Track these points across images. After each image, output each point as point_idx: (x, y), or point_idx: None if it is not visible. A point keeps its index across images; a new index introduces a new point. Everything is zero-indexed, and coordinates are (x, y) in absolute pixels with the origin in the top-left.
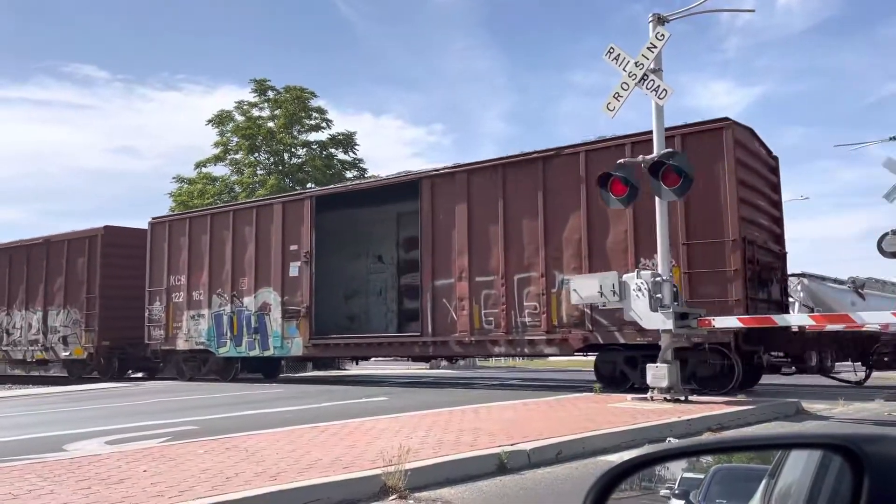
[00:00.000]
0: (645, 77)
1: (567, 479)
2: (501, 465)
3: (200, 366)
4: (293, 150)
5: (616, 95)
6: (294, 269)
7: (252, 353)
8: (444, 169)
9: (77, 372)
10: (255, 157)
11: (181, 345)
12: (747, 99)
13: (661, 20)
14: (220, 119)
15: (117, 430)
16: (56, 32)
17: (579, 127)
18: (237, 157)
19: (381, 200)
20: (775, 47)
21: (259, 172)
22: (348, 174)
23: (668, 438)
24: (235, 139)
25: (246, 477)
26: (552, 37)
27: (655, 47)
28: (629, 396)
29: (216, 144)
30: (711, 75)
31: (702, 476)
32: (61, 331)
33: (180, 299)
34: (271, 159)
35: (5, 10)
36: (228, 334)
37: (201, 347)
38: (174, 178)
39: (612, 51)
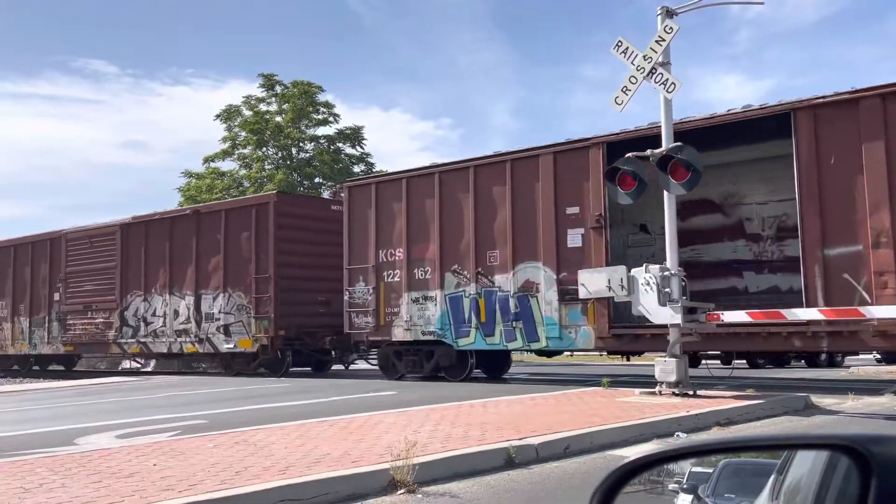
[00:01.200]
0: (653, 70)
1: (575, 473)
2: (509, 460)
3: (423, 361)
4: (301, 144)
5: (624, 89)
6: (575, 238)
7: (511, 346)
8: (832, 96)
9: (240, 367)
10: (262, 152)
11: (399, 334)
12: (757, 92)
13: (669, 13)
14: (228, 114)
15: (128, 425)
16: (65, 27)
17: (589, 120)
18: (245, 151)
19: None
20: (785, 40)
21: (267, 167)
22: (356, 168)
23: (677, 433)
24: (243, 134)
25: (255, 471)
26: (561, 30)
27: (664, 40)
28: (637, 391)
29: (224, 139)
30: (721, 68)
31: (710, 470)
32: (221, 319)
33: (396, 278)
34: (279, 154)
35: (15, 6)
36: (473, 321)
37: (431, 338)
38: (182, 172)
39: (620, 44)
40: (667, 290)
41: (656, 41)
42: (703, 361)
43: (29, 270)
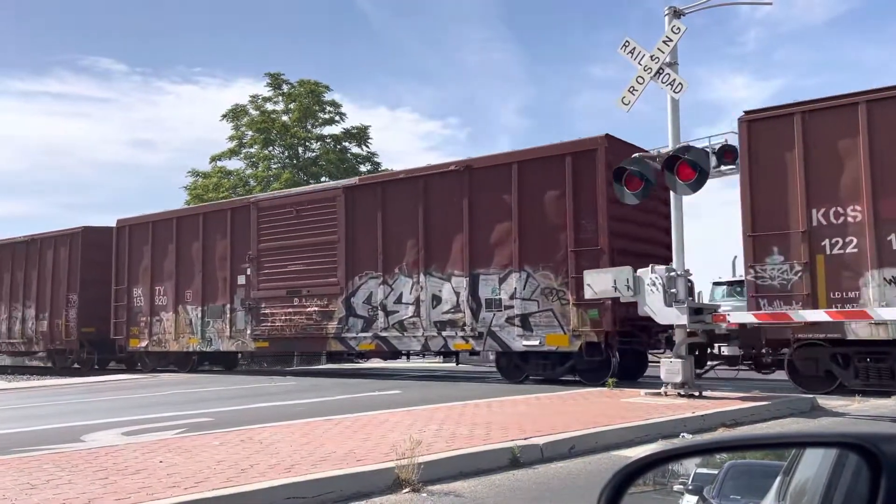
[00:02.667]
0: (660, 71)
1: (580, 473)
2: (514, 459)
3: None
4: (307, 143)
5: (631, 89)
6: None
7: None
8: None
9: (537, 371)
10: (269, 151)
11: (866, 331)
12: (765, 92)
13: (677, 13)
14: (235, 113)
15: (134, 422)
16: (75, 26)
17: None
18: (251, 150)
19: None
20: (795, 40)
21: (273, 166)
22: (362, 168)
23: (682, 434)
24: (250, 133)
25: (260, 469)
26: (570, 30)
27: (671, 41)
28: (642, 391)
29: (231, 138)
30: (730, 68)
31: (715, 472)
32: (515, 306)
33: (852, 248)
34: (285, 153)
35: (24, 4)
36: None
37: None
38: (189, 171)
39: (627, 44)
40: (672, 290)
41: (663, 41)
42: (709, 363)
43: (199, 248)
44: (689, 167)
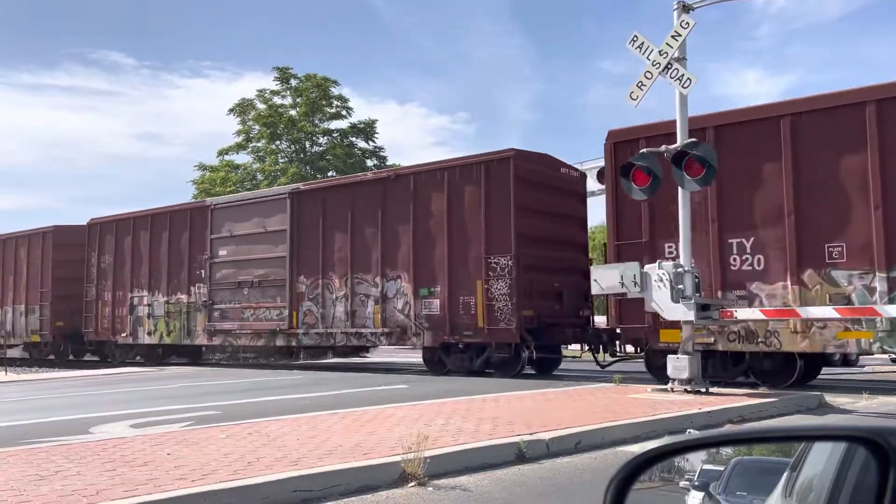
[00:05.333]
0: (669, 66)
1: (586, 469)
2: (520, 454)
3: None
4: (314, 138)
5: (639, 84)
6: None
7: None
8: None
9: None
10: (276, 146)
11: None
12: (778, 87)
13: (686, 8)
14: (242, 107)
15: (141, 414)
16: (84, 19)
17: (607, 115)
18: (259, 145)
19: None
20: (808, 35)
21: (280, 161)
22: (369, 162)
23: (688, 430)
24: (257, 127)
25: (267, 462)
26: (580, 24)
27: (680, 35)
28: (649, 387)
29: (238, 133)
30: (742, 63)
31: (721, 468)
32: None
33: None
34: (292, 147)
35: None
36: None
37: None
38: (196, 165)
39: (635, 39)
40: (680, 286)
41: (672, 36)
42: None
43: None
44: (698, 163)
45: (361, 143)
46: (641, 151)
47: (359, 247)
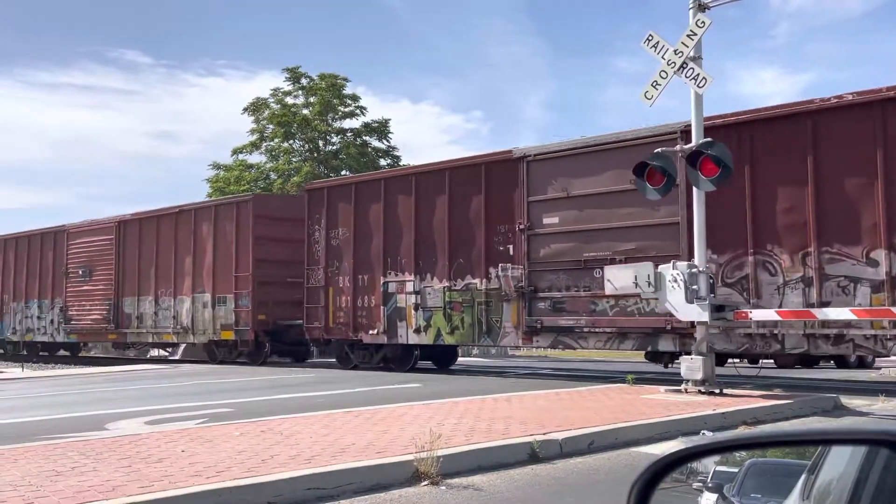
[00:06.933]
0: (684, 65)
1: (600, 469)
2: (533, 454)
3: None
4: (328, 137)
5: (654, 84)
6: None
7: None
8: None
9: None
10: (289, 145)
11: None
12: (796, 86)
13: (702, 7)
14: (256, 107)
15: (156, 411)
16: (101, 18)
17: (622, 114)
18: (272, 144)
19: None
20: (828, 33)
21: (294, 160)
22: (382, 162)
23: (702, 431)
24: (271, 127)
25: (281, 459)
26: (595, 22)
27: (695, 34)
28: (663, 388)
29: (252, 132)
30: (759, 62)
31: (735, 469)
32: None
33: None
34: (306, 146)
35: None
36: None
37: None
38: (211, 164)
39: (651, 38)
40: (694, 287)
41: (687, 35)
42: (730, 360)
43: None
44: (713, 162)
45: (375, 143)
46: (656, 151)
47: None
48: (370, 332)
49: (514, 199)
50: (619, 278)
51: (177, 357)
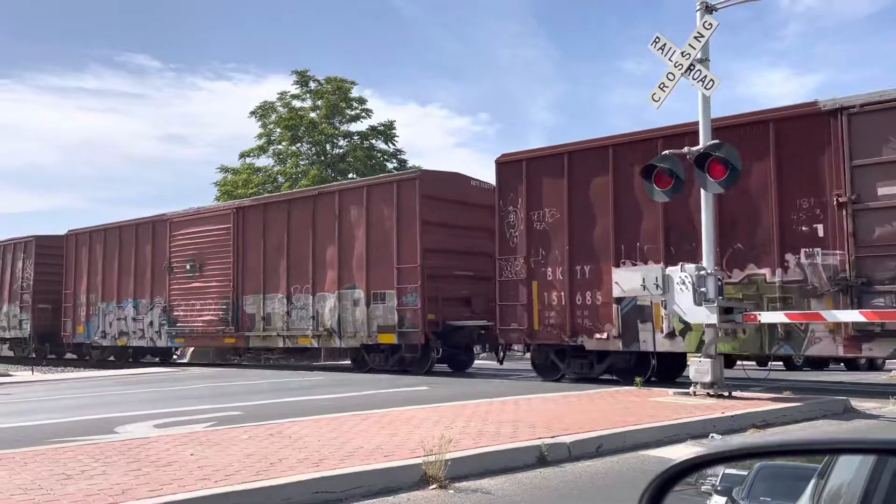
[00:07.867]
0: (691, 67)
1: (608, 472)
2: (541, 458)
3: None
4: (335, 140)
5: (662, 86)
6: None
7: None
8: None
9: None
10: (297, 148)
11: None
12: (805, 87)
13: (709, 9)
14: (263, 110)
15: (165, 414)
16: (110, 22)
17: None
18: (280, 147)
19: None
20: (837, 34)
21: (301, 163)
22: (389, 165)
23: (711, 434)
24: (278, 130)
25: (289, 463)
26: (602, 24)
27: (703, 36)
28: (671, 391)
29: (259, 136)
30: (767, 63)
31: (744, 473)
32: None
33: None
34: (313, 150)
35: (61, 0)
36: None
37: None
38: (219, 167)
39: (658, 40)
40: (702, 289)
41: (695, 37)
42: (739, 362)
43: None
44: (721, 164)
45: (381, 145)
46: (664, 153)
47: None
48: (596, 335)
49: (824, 163)
50: (627, 281)
51: (318, 364)
